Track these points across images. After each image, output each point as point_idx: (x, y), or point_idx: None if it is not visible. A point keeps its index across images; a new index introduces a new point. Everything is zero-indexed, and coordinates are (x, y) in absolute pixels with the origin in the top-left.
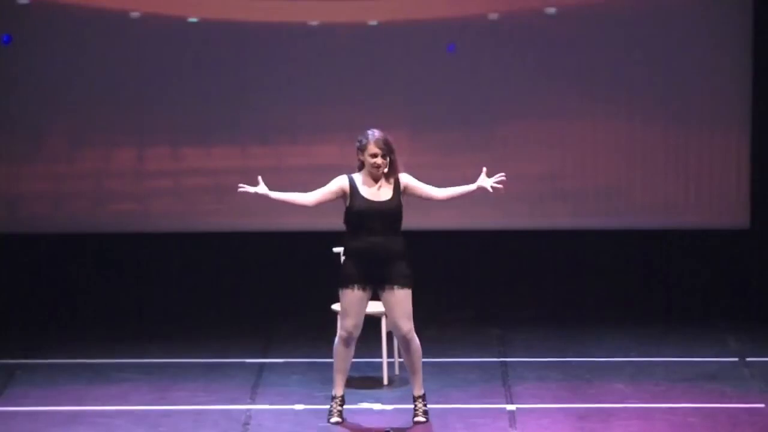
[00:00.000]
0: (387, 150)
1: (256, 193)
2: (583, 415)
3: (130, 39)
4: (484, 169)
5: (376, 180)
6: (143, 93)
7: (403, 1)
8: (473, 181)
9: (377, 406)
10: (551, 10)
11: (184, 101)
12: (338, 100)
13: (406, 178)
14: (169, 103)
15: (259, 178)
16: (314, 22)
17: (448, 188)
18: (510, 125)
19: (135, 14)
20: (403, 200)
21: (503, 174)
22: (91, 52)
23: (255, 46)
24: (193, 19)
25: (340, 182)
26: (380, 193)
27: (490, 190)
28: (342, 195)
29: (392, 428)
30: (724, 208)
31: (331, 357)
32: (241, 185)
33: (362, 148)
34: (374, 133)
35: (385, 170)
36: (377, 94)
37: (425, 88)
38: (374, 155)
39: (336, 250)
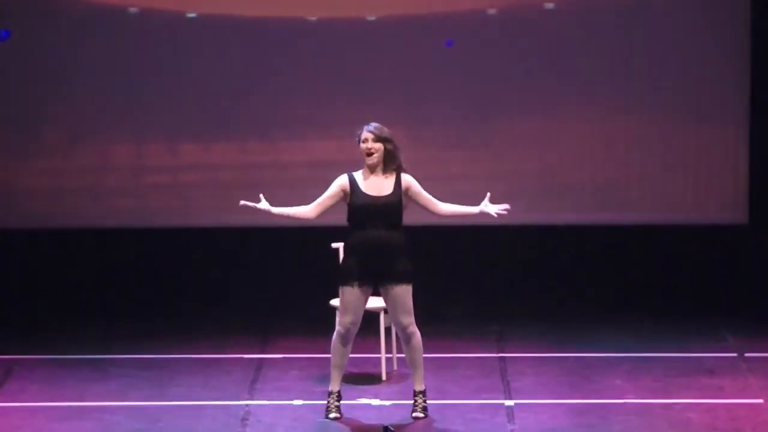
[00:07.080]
0: (379, 136)
1: (257, 209)
2: (581, 411)
3: (128, 34)
4: (488, 194)
5: (375, 175)
6: (142, 88)
7: None
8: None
9: (375, 402)
10: (550, 5)
11: (183, 96)
12: (336, 95)
13: (409, 180)
14: (168, 98)
15: (261, 195)
16: (313, 17)
17: (450, 204)
18: (508, 120)
19: (133, 9)
20: (404, 200)
21: (508, 206)
22: (90, 48)
23: (253, 41)
24: (192, 15)
25: (339, 183)
26: (380, 188)
27: (495, 215)
28: (343, 195)
29: (390, 424)
30: (722, 203)
31: (330, 353)
32: (243, 201)
33: (358, 140)
34: (369, 124)
35: (377, 155)
36: (375, 89)
37: (423, 84)
38: (365, 140)
39: (335, 245)
